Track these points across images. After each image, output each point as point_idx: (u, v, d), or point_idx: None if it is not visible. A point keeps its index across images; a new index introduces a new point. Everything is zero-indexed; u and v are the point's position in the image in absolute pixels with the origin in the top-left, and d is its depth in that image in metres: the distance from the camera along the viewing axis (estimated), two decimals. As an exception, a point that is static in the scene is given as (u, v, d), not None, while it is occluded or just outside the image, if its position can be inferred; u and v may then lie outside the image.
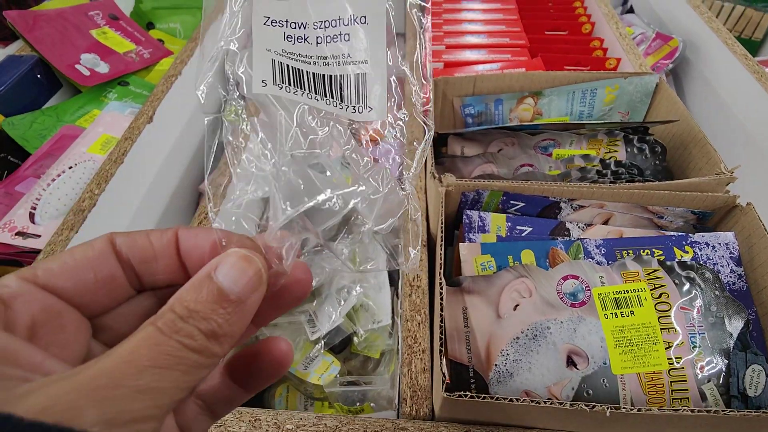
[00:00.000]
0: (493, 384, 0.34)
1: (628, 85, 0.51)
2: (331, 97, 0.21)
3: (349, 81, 0.21)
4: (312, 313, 0.54)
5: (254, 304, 0.17)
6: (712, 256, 0.37)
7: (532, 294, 0.36)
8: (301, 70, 0.21)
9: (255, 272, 0.17)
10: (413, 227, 0.24)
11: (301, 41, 0.20)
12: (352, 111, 0.21)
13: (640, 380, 0.34)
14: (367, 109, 0.21)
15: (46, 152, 0.61)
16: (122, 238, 0.18)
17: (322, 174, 0.22)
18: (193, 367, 0.15)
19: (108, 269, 0.18)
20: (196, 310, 0.15)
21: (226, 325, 0.16)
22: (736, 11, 0.90)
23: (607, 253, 0.38)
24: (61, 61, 0.67)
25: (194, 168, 0.66)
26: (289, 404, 0.53)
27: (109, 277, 0.18)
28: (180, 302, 0.16)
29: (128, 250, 0.18)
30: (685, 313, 0.35)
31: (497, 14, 0.79)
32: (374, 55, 0.21)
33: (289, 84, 0.21)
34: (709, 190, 0.40)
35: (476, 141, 0.50)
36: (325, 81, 0.21)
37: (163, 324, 0.15)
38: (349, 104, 0.21)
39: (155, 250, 0.18)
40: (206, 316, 0.15)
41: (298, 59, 0.21)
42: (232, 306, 0.16)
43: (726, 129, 0.62)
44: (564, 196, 0.40)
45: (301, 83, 0.21)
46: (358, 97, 0.21)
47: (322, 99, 0.21)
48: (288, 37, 0.21)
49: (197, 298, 0.16)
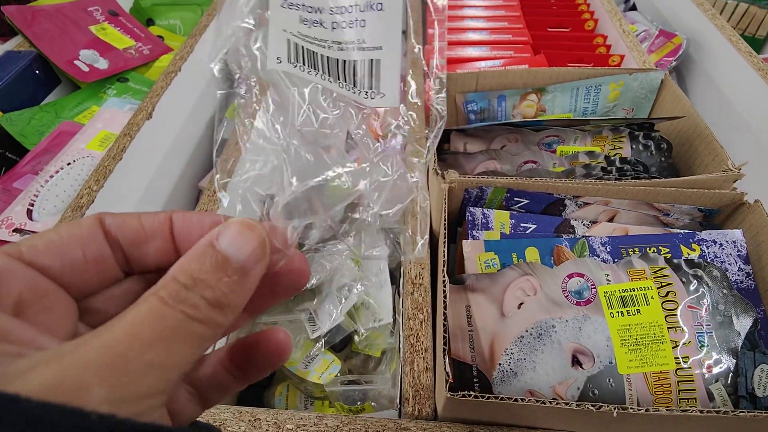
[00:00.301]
0: (497, 383, 0.34)
1: (633, 81, 0.51)
2: (344, 80, 0.21)
3: (363, 66, 0.21)
4: (312, 312, 0.53)
5: (258, 275, 0.16)
6: (720, 254, 0.37)
7: (536, 292, 0.35)
8: (315, 52, 0.21)
9: (259, 241, 0.16)
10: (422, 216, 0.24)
11: (317, 25, 0.21)
12: (364, 96, 0.21)
13: (646, 380, 0.33)
14: (380, 95, 0.21)
15: (45, 148, 0.60)
16: (112, 218, 0.17)
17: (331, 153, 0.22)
18: (199, 339, 0.14)
19: (96, 248, 0.17)
20: (201, 279, 0.15)
21: (231, 294, 0.15)
22: (740, 8, 0.90)
23: (613, 250, 0.37)
24: (60, 57, 0.66)
25: (194, 165, 0.65)
26: (290, 403, 0.53)
27: (97, 257, 0.17)
28: (183, 271, 0.15)
29: (117, 230, 0.17)
30: (693, 311, 0.34)
31: (500, 11, 0.78)
32: (389, 41, 0.21)
33: (303, 64, 0.21)
34: (716, 187, 0.39)
35: (479, 137, 0.50)
36: (338, 65, 0.21)
37: (167, 294, 0.14)
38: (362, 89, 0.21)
39: (146, 232, 0.18)
40: (211, 284, 0.15)
41: (313, 42, 0.21)
42: (237, 274, 0.15)
43: (730, 126, 0.62)
44: (569, 192, 0.40)
45: (315, 64, 0.21)
46: (371, 82, 0.21)
47: (335, 82, 0.21)
48: (304, 20, 0.21)
49: (201, 267, 0.15)
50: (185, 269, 0.15)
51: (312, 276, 0.56)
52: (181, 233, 0.18)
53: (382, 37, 0.20)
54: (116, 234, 0.17)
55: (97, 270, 0.17)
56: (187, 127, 0.63)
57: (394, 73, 0.21)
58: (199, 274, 0.15)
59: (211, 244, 0.16)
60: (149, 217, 0.18)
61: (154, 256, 0.18)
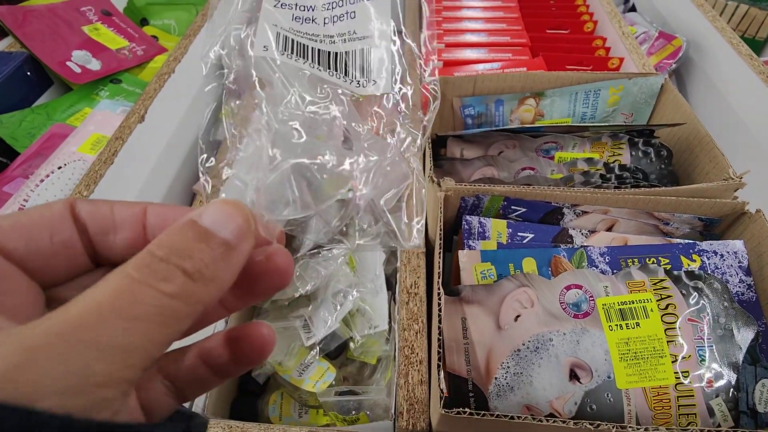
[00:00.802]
0: (493, 398, 0.33)
1: (633, 86, 0.50)
2: (335, 70, 0.21)
3: (354, 57, 0.21)
4: (307, 318, 0.53)
5: (244, 254, 0.15)
6: (721, 265, 0.36)
7: (533, 304, 0.35)
8: (306, 45, 0.21)
9: (244, 219, 0.15)
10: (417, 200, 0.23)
11: (309, 22, 0.21)
12: (356, 85, 0.21)
13: (645, 395, 0.32)
14: (371, 82, 0.21)
15: (36, 152, 0.59)
16: (83, 204, 0.16)
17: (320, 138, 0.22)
18: (172, 318, 0.13)
19: (65, 234, 0.16)
20: (179, 248, 0.14)
21: (213, 266, 0.14)
22: (740, 10, 0.89)
23: (612, 261, 0.36)
24: (52, 58, 0.65)
25: (187, 168, 0.64)
26: (283, 412, 0.52)
27: (66, 243, 0.16)
28: (160, 244, 0.14)
29: (87, 216, 0.16)
30: (693, 325, 0.34)
31: (498, 12, 0.77)
32: (379, 29, 0.21)
33: (291, 53, 0.21)
34: (716, 196, 0.39)
35: (476, 143, 0.49)
36: (329, 57, 0.21)
37: (135, 267, 0.13)
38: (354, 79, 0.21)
39: (116, 221, 0.17)
40: (191, 254, 0.14)
41: (304, 37, 0.21)
42: (221, 248, 0.14)
43: (730, 132, 0.61)
44: (567, 201, 0.39)
45: (305, 54, 0.21)
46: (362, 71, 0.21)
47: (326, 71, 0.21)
48: (296, 18, 0.21)
49: (181, 240, 0.14)
50: (162, 243, 0.14)
51: (307, 282, 0.55)
52: (154, 226, 0.17)
53: (372, 27, 0.20)
54: (85, 220, 0.16)
55: (65, 256, 0.16)
56: (180, 130, 0.62)
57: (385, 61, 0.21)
58: (178, 245, 0.14)
59: (192, 220, 0.15)
60: (122, 207, 0.17)
61: (121, 246, 0.17)
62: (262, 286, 0.18)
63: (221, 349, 0.18)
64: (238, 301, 0.19)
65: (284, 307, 0.55)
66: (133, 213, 0.17)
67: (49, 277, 0.16)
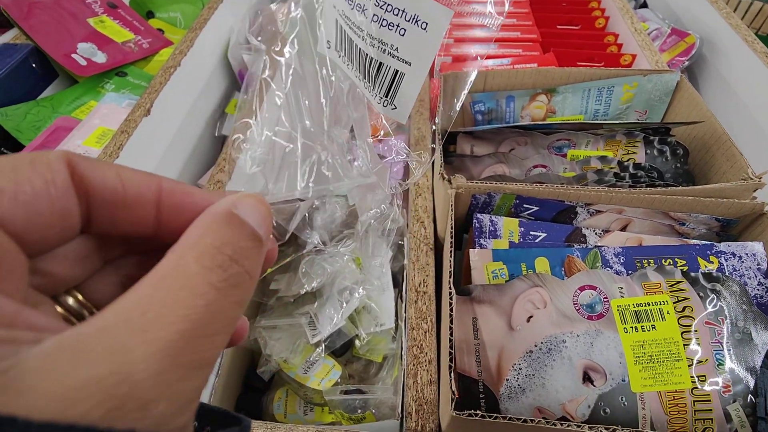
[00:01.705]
0: (504, 400, 0.33)
1: (647, 83, 0.49)
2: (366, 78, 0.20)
3: (387, 73, 0.20)
4: (313, 315, 0.52)
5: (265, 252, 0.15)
6: (739, 268, 0.35)
7: (546, 305, 0.34)
8: (353, 41, 0.20)
9: (269, 217, 0.15)
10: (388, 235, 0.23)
11: (359, 10, 0.20)
12: (378, 101, 0.21)
13: (661, 399, 0.32)
14: (392, 106, 0.20)
15: (41, 144, 0.59)
16: (86, 165, 0.14)
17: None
18: (232, 326, 0.13)
19: (65, 203, 0.14)
20: (238, 248, 0.13)
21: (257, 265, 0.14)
22: (754, 7, 0.87)
23: (627, 262, 0.36)
24: (57, 50, 0.65)
25: (193, 162, 0.64)
26: (288, 409, 0.52)
27: (64, 213, 0.14)
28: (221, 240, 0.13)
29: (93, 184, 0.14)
30: (710, 328, 0.33)
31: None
32: (420, 61, 0.20)
33: (343, 53, 0.21)
34: (734, 196, 0.38)
35: (487, 140, 0.48)
36: (366, 60, 0.20)
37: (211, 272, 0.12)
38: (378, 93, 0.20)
39: (127, 196, 0.15)
40: (248, 255, 0.14)
41: (351, 26, 0.20)
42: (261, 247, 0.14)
43: (744, 131, 0.60)
44: (581, 200, 0.38)
45: (350, 55, 0.21)
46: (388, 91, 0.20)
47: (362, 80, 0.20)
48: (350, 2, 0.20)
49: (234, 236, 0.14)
50: (225, 240, 0.13)
51: (313, 279, 0.54)
52: (170, 208, 0.16)
53: (415, 55, 0.20)
54: (89, 189, 0.14)
55: (60, 227, 0.14)
56: (186, 123, 0.62)
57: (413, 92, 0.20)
58: (236, 244, 0.13)
59: (233, 214, 0.14)
60: (133, 179, 0.15)
61: (129, 223, 0.15)
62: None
63: None
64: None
65: (290, 303, 0.54)
66: (148, 189, 0.15)
67: (39, 247, 0.14)
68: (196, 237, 0.13)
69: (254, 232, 0.14)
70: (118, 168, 0.15)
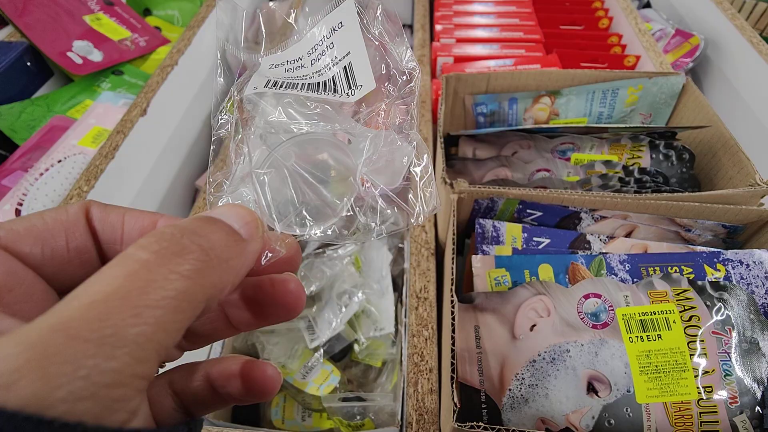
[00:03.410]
0: (507, 410, 0.32)
1: (653, 85, 0.48)
2: (325, 91, 0.22)
3: (339, 75, 0.22)
4: (311, 319, 0.51)
5: (253, 252, 0.15)
6: (746, 276, 0.34)
7: (550, 313, 0.33)
8: (297, 83, 0.22)
9: (251, 216, 0.15)
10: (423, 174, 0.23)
11: (300, 68, 0.22)
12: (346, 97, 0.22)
13: (666, 410, 0.31)
14: (358, 88, 0.22)
15: (35, 144, 0.58)
16: (97, 209, 0.16)
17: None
18: (185, 302, 0.11)
19: (80, 239, 0.15)
20: (191, 229, 0.13)
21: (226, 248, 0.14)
22: (758, 8, 0.87)
23: (632, 269, 0.35)
24: (53, 49, 0.64)
25: (190, 163, 0.63)
26: (286, 415, 0.51)
27: (80, 248, 0.15)
28: (168, 226, 0.13)
29: (98, 223, 0.16)
30: (717, 338, 0.32)
31: (510, 6, 0.75)
32: (354, 44, 0.22)
33: (281, 87, 0.22)
34: (742, 202, 0.37)
35: (489, 143, 0.47)
36: (320, 85, 0.22)
37: (143, 247, 0.12)
38: (342, 92, 0.22)
39: (124, 233, 0.16)
40: (204, 233, 0.13)
41: (295, 80, 0.22)
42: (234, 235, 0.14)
43: (749, 134, 0.59)
44: (585, 205, 0.38)
45: (294, 87, 0.22)
46: (348, 83, 0.22)
47: (314, 92, 0.22)
48: (287, 69, 0.23)
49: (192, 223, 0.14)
50: (173, 225, 0.13)
51: (312, 282, 0.53)
52: None
53: (348, 45, 0.22)
54: (98, 227, 0.16)
55: (80, 261, 0.16)
56: (183, 123, 0.61)
57: (365, 65, 0.22)
58: (191, 227, 0.13)
59: (201, 214, 0.15)
60: (133, 219, 0.16)
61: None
62: (272, 309, 0.18)
63: (234, 379, 0.17)
64: (248, 320, 0.18)
65: (288, 307, 0.53)
66: (142, 226, 0.16)
67: (64, 280, 0.16)
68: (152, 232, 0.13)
69: (230, 228, 0.14)
70: (125, 210, 0.16)
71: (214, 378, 0.17)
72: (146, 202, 0.53)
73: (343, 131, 0.22)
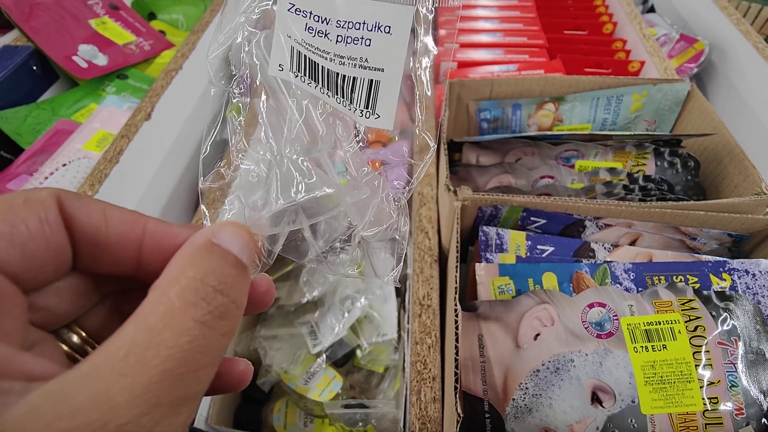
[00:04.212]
0: (510, 420, 0.32)
1: (657, 92, 0.48)
2: (341, 96, 0.20)
3: (362, 85, 0.20)
4: (314, 325, 0.51)
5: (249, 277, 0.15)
6: (752, 285, 0.34)
7: (554, 322, 0.33)
8: (316, 63, 0.20)
9: (252, 240, 0.15)
10: (398, 245, 0.23)
11: (321, 35, 0.20)
12: (359, 114, 0.20)
13: (671, 421, 0.31)
14: (375, 116, 0.21)
15: (40, 148, 0.58)
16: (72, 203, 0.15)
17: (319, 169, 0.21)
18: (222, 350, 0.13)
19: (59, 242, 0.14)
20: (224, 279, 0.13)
21: (241, 292, 0.14)
22: (764, 12, 0.86)
23: (637, 278, 0.35)
24: (58, 52, 0.64)
25: (194, 168, 0.63)
26: (288, 421, 0.51)
27: (58, 250, 0.14)
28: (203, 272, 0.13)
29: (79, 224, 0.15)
30: (723, 348, 0.32)
31: (514, 11, 0.75)
32: (391, 65, 0.20)
33: (303, 74, 0.20)
34: (748, 211, 0.37)
35: (493, 150, 0.47)
36: (338, 79, 0.20)
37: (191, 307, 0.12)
38: (358, 107, 0.20)
39: (109, 238, 0.15)
40: (226, 280, 0.13)
41: (315, 52, 0.20)
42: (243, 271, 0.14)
43: (754, 142, 0.59)
44: (590, 213, 0.37)
45: (315, 76, 0.20)
46: (367, 102, 0.20)
47: (333, 96, 0.20)
48: (309, 28, 0.20)
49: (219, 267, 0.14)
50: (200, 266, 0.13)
51: (314, 287, 0.53)
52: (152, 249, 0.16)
53: (386, 60, 0.20)
54: (75, 229, 0.15)
55: (56, 264, 0.15)
56: (187, 128, 0.61)
57: (392, 97, 0.20)
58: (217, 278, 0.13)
59: (209, 240, 0.14)
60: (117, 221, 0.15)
61: (109, 263, 0.16)
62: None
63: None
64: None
65: (290, 313, 0.53)
66: (132, 231, 0.15)
67: (35, 283, 0.15)
68: (177, 270, 0.13)
69: (237, 259, 0.14)
70: (106, 207, 0.15)
71: None
72: (150, 206, 0.53)
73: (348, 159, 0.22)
